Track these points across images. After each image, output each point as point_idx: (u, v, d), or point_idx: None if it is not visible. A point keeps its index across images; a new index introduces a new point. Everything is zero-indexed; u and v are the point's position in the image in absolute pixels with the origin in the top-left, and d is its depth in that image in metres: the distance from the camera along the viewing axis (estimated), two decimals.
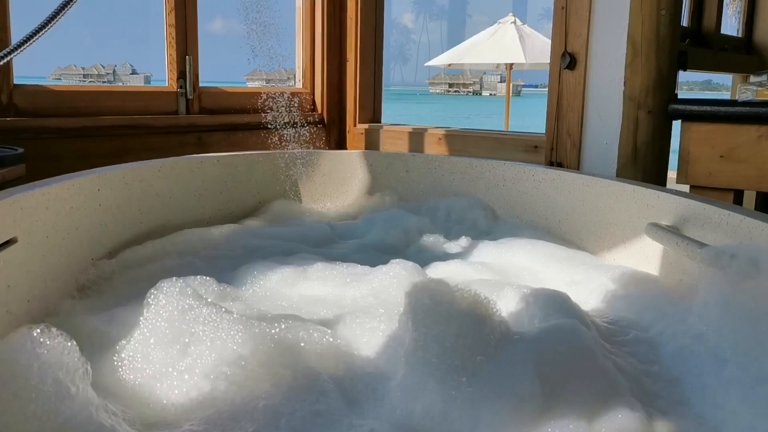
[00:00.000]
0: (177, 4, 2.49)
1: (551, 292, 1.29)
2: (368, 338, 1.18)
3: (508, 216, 2.15)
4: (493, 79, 79.27)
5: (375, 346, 1.14)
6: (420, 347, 0.99)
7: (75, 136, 2.22)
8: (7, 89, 2.10)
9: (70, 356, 0.88)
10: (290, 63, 3.01)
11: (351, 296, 1.46)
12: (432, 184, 2.34)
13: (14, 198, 1.26)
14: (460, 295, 1.03)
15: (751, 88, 2.05)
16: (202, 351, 1.06)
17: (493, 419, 0.91)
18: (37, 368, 0.85)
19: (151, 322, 1.11)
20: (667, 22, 2.01)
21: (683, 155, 2.00)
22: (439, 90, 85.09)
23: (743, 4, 3.21)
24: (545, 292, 1.30)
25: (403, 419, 0.93)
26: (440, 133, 2.72)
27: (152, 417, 0.95)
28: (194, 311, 1.11)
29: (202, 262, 1.74)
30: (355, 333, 1.29)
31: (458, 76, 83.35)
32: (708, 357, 1.08)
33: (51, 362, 0.86)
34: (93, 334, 1.18)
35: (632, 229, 1.70)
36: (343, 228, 2.10)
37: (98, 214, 1.65)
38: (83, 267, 1.54)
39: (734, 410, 0.95)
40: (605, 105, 2.14)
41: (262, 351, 1.02)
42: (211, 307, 1.12)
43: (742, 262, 1.09)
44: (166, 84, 2.56)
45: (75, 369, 0.88)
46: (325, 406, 0.94)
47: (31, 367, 0.85)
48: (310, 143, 2.45)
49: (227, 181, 2.21)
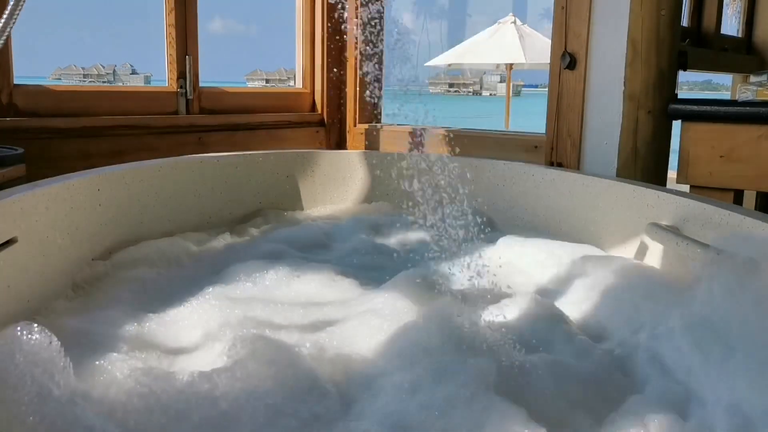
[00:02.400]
0: (177, 4, 2.49)
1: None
2: (366, 341, 1.18)
3: (508, 216, 2.15)
4: (493, 79, 79.26)
5: (372, 348, 1.14)
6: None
7: (75, 136, 2.22)
8: (7, 89, 2.10)
9: (53, 355, 0.88)
10: (290, 63, 3.01)
11: (351, 298, 1.46)
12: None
13: (14, 198, 1.26)
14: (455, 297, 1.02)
15: (751, 88, 2.05)
16: (193, 352, 1.06)
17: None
18: (17, 367, 0.85)
19: (140, 320, 1.10)
20: (667, 22, 2.01)
21: (683, 155, 2.00)
22: (439, 90, 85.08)
23: (743, 4, 3.21)
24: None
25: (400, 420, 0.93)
26: (440, 133, 2.72)
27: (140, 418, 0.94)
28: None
29: (198, 262, 1.75)
30: (355, 334, 1.29)
31: (458, 76, 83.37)
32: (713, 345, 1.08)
33: (32, 361, 0.86)
34: (79, 334, 1.17)
35: (632, 229, 1.70)
36: (341, 228, 2.10)
37: (98, 214, 1.65)
38: (83, 267, 1.54)
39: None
40: (605, 105, 2.14)
41: (259, 352, 1.01)
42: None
43: (743, 261, 1.09)
44: (166, 84, 2.56)
45: (57, 368, 0.87)
46: (323, 408, 0.94)
47: (10, 367, 0.85)
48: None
49: (227, 181, 2.20)
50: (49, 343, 0.90)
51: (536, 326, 1.28)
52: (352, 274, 1.61)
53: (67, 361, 0.90)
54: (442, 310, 1.29)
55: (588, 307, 1.47)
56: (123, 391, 0.92)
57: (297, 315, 1.37)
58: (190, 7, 2.52)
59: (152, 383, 0.93)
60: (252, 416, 0.91)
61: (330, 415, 0.94)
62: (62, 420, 0.82)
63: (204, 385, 0.95)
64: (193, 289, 1.49)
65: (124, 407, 0.90)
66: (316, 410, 0.94)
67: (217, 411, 0.92)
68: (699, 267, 1.26)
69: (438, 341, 1.21)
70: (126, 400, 0.91)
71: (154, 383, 0.94)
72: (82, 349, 1.02)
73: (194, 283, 1.55)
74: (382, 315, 1.32)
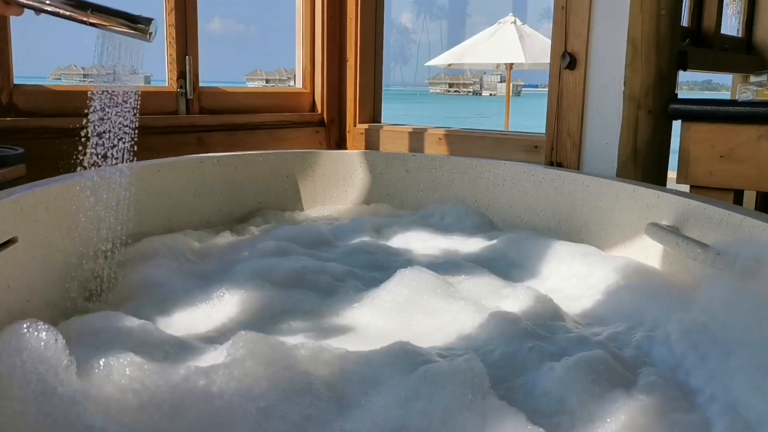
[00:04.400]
0: (177, 4, 2.49)
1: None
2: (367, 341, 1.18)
3: (508, 216, 2.15)
4: (493, 79, 79.27)
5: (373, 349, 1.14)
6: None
7: (75, 136, 2.21)
8: (7, 89, 2.10)
9: (58, 353, 0.89)
10: (290, 63, 3.01)
11: (353, 299, 1.46)
12: (432, 184, 2.34)
13: (14, 198, 1.26)
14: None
15: (751, 88, 2.05)
16: (192, 353, 1.05)
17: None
18: (23, 364, 0.85)
19: (142, 318, 1.10)
20: (667, 22, 2.01)
21: (683, 155, 2.00)
22: (439, 90, 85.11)
23: (743, 4, 3.21)
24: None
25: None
26: (440, 133, 2.72)
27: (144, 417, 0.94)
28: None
29: (199, 260, 1.74)
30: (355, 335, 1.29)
31: (458, 76, 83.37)
32: (713, 348, 1.08)
33: (38, 358, 0.86)
34: (81, 333, 1.17)
35: (632, 229, 1.70)
36: (340, 228, 2.10)
37: (98, 214, 1.64)
38: (83, 267, 1.54)
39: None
40: (605, 105, 2.14)
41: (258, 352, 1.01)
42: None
43: (744, 261, 1.09)
44: (166, 84, 2.56)
45: (61, 366, 0.88)
46: (317, 410, 0.93)
47: (16, 363, 0.85)
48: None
49: (227, 181, 2.20)
50: (54, 341, 0.91)
51: (536, 323, 1.28)
52: (354, 277, 1.61)
53: (71, 359, 0.91)
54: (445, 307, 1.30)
55: (588, 306, 1.47)
56: (124, 389, 0.92)
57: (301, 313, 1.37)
58: (190, 7, 2.53)
59: (154, 382, 0.93)
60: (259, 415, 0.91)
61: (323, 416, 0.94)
62: (65, 418, 0.82)
63: (202, 382, 0.95)
64: (195, 287, 1.50)
65: (125, 406, 0.90)
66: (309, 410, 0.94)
67: (214, 409, 0.93)
68: (699, 268, 1.27)
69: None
70: (129, 398, 0.91)
71: (155, 382, 0.94)
72: (85, 347, 1.02)
73: (195, 281, 1.55)
74: (385, 312, 1.32)
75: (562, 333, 1.26)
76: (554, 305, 1.40)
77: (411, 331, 1.29)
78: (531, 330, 1.24)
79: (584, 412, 0.95)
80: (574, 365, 1.03)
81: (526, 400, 1.01)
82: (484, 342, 1.21)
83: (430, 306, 1.36)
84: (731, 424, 0.92)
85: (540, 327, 1.27)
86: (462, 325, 1.29)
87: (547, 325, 1.30)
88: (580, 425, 0.93)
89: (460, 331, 1.27)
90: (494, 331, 1.24)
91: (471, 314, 1.31)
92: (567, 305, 1.45)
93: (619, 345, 1.23)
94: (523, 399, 1.01)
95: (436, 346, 1.19)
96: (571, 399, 0.98)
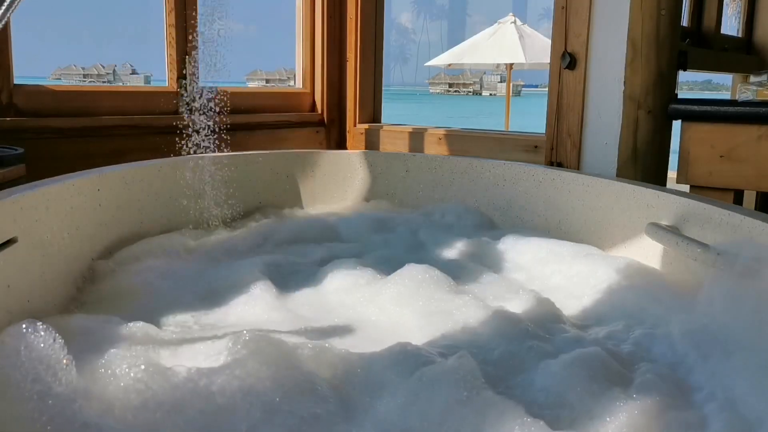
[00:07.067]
0: (177, 4, 2.49)
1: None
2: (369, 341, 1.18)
3: (508, 216, 2.15)
4: (493, 79, 79.31)
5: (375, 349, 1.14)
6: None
7: (75, 136, 2.22)
8: (7, 89, 2.10)
9: (57, 353, 0.89)
10: (290, 63, 3.01)
11: (355, 299, 1.46)
12: (432, 184, 2.34)
13: (14, 198, 1.26)
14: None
15: (751, 88, 2.05)
16: (193, 352, 1.05)
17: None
18: (22, 364, 0.85)
19: (142, 318, 1.10)
20: (667, 22, 2.01)
21: (683, 155, 2.00)
22: (439, 90, 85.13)
23: (743, 4, 3.21)
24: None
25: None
26: (440, 133, 2.72)
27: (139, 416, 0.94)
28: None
29: (198, 258, 1.74)
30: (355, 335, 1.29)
31: (458, 76, 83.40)
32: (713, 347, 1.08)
33: (37, 358, 0.86)
34: (80, 333, 1.17)
35: (632, 229, 1.70)
36: (339, 229, 2.10)
37: (98, 214, 1.65)
38: (83, 267, 1.54)
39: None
40: (605, 105, 2.14)
41: (261, 352, 1.01)
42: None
43: (744, 261, 1.09)
44: (166, 84, 2.56)
45: (60, 365, 0.88)
46: (322, 410, 0.93)
47: (16, 363, 0.85)
48: None
49: (227, 181, 2.20)
50: (53, 341, 0.91)
51: (536, 323, 1.28)
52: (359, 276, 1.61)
53: (70, 359, 0.91)
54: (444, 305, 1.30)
55: (588, 306, 1.47)
56: (124, 389, 0.92)
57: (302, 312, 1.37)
58: (190, 7, 2.52)
59: (155, 382, 0.93)
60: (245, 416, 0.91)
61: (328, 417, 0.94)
62: (64, 418, 0.82)
63: (203, 382, 0.95)
64: (195, 286, 1.50)
65: (126, 406, 0.90)
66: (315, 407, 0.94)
67: (214, 407, 0.93)
68: (699, 268, 1.27)
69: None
70: (130, 398, 0.91)
71: (156, 382, 0.94)
72: (85, 347, 1.02)
73: (195, 281, 1.55)
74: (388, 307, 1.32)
75: (561, 333, 1.26)
76: (554, 305, 1.41)
77: (411, 330, 1.29)
78: (531, 330, 1.24)
79: (583, 408, 0.95)
80: (572, 362, 1.03)
81: (524, 395, 1.01)
82: (484, 342, 1.21)
83: (431, 305, 1.36)
84: (730, 423, 0.92)
85: (540, 327, 1.27)
86: (462, 324, 1.29)
87: (546, 325, 1.30)
88: (579, 421, 0.93)
89: (460, 331, 1.27)
90: (494, 330, 1.24)
91: (471, 314, 1.31)
92: (567, 305, 1.45)
93: (618, 344, 1.23)
94: (521, 395, 1.01)
95: (436, 346, 1.19)
96: (570, 395, 0.98)
